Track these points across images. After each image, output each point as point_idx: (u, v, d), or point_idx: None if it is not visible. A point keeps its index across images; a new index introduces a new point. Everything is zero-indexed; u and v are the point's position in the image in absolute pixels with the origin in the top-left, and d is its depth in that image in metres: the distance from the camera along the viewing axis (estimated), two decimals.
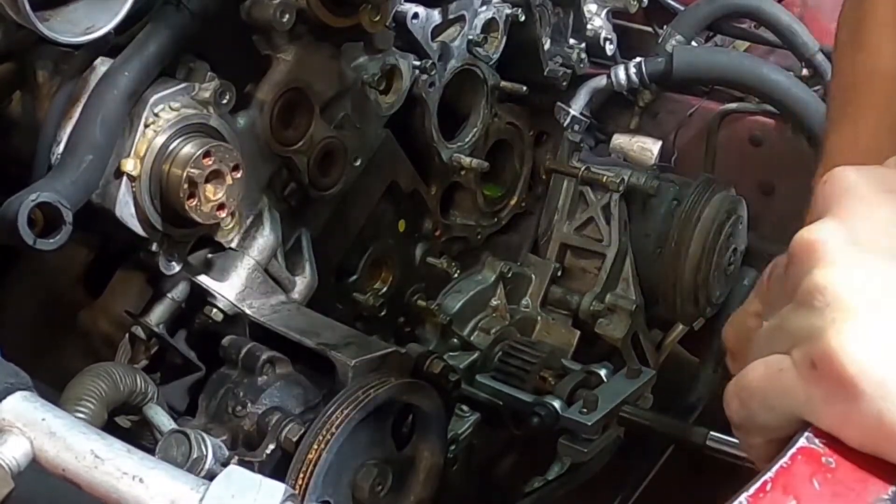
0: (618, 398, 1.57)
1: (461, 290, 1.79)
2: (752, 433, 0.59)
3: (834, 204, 0.57)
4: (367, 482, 1.26)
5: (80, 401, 1.14)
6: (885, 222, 0.56)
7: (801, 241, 0.56)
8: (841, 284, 0.53)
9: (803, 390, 0.53)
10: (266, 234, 1.41)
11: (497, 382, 1.65)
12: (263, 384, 1.28)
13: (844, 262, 0.54)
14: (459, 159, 1.72)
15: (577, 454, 1.57)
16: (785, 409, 0.55)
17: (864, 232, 0.55)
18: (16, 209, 1.09)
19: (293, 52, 1.40)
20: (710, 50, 2.17)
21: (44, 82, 1.23)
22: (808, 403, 0.53)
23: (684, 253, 1.87)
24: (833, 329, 0.52)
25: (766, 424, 0.57)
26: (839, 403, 0.52)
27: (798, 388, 0.54)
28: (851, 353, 0.51)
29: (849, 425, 0.52)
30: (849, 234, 0.55)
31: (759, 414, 0.57)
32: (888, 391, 0.51)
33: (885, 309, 0.52)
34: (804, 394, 0.53)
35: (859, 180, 0.58)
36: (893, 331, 0.51)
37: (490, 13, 1.72)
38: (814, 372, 0.53)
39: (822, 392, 0.52)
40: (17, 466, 0.77)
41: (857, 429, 0.52)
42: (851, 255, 0.54)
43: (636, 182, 1.87)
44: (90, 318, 1.42)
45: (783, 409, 0.55)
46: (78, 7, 1.13)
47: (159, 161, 1.23)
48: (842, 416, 0.52)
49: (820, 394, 0.53)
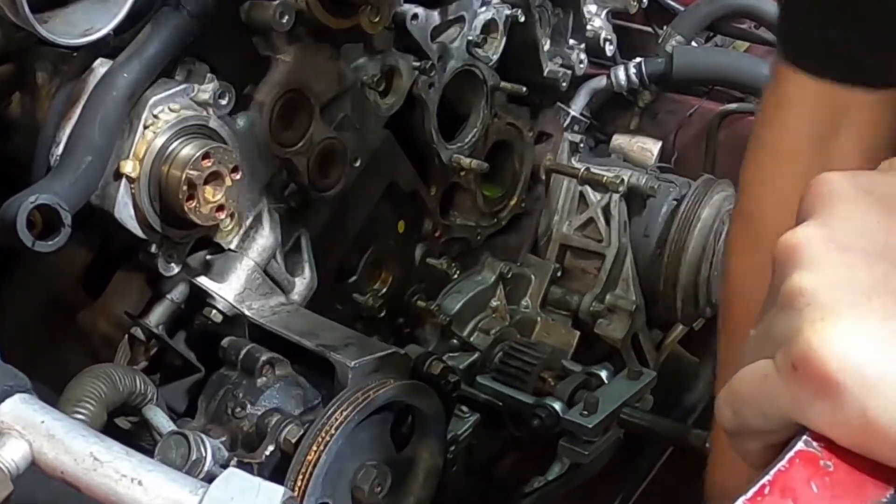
0: (619, 400, 1.57)
1: (461, 290, 1.79)
2: (748, 440, 0.59)
3: (817, 207, 0.57)
4: (366, 483, 1.26)
5: (80, 402, 1.14)
6: (864, 222, 0.56)
7: (783, 245, 0.56)
8: (820, 285, 0.53)
9: (788, 393, 0.53)
10: (265, 235, 1.41)
11: (498, 384, 1.65)
12: (263, 385, 1.28)
13: (824, 264, 0.54)
14: (459, 160, 1.72)
15: (578, 456, 1.57)
16: (775, 413, 0.55)
17: (845, 233, 0.55)
18: (15, 211, 1.09)
19: (293, 54, 1.40)
20: (710, 50, 2.17)
21: (43, 84, 1.23)
22: (795, 405, 0.53)
23: (684, 253, 1.87)
24: (811, 329, 0.52)
25: (760, 430, 0.57)
26: (823, 402, 0.51)
27: (783, 391, 0.53)
28: (830, 351, 0.51)
29: (835, 424, 0.52)
30: (829, 235, 0.55)
31: (751, 420, 0.57)
32: (870, 386, 0.50)
33: (863, 307, 0.52)
34: (790, 396, 0.53)
35: (842, 183, 0.58)
36: (872, 327, 0.51)
37: (490, 14, 1.72)
38: (795, 373, 0.52)
39: (806, 393, 0.52)
40: (17, 469, 0.77)
41: (844, 427, 0.51)
42: (831, 256, 0.54)
43: (636, 182, 1.87)
44: (89, 319, 1.41)
45: (774, 414, 0.55)
46: (77, 9, 1.13)
47: (158, 162, 1.23)
48: (827, 415, 0.52)
49: (804, 395, 0.52)
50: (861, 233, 0.55)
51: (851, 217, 0.56)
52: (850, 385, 0.50)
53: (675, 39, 2.08)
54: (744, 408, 0.57)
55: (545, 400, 1.57)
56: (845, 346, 0.51)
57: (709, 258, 1.88)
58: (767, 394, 0.55)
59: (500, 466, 1.83)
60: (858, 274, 0.53)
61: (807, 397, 0.52)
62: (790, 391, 0.53)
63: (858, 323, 0.51)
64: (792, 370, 0.52)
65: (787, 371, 0.53)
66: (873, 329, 0.51)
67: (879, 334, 0.51)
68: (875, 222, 0.56)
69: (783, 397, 0.53)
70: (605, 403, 1.54)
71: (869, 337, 0.51)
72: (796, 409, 0.53)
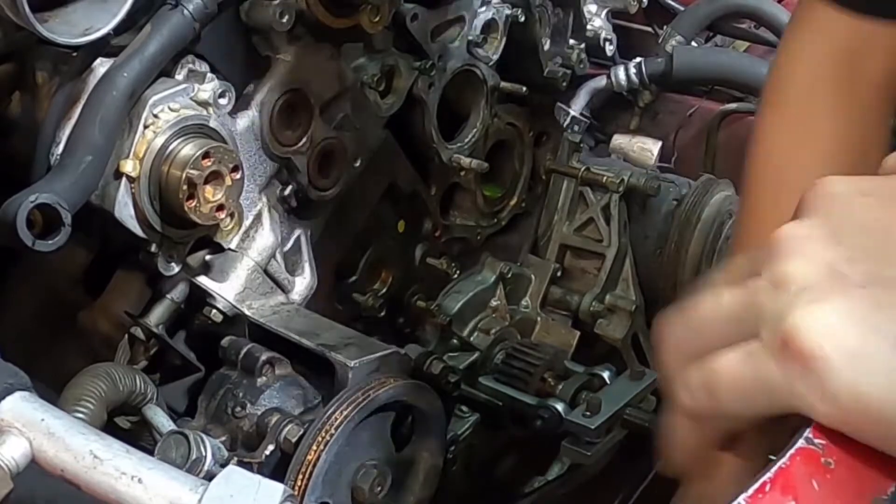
0: (621, 401, 1.57)
1: (461, 290, 1.78)
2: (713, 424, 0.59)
3: (816, 206, 0.58)
4: (366, 483, 1.26)
5: (80, 401, 1.14)
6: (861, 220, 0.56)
7: (777, 236, 0.57)
8: (812, 272, 0.54)
9: (777, 369, 0.53)
10: (265, 235, 1.41)
11: (500, 384, 1.65)
12: (263, 385, 1.28)
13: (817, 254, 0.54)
14: (459, 160, 1.72)
15: (580, 457, 1.56)
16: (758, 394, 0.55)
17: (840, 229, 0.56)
18: (14, 210, 1.09)
19: (293, 53, 1.40)
20: (710, 50, 2.17)
21: (43, 83, 1.22)
22: (784, 382, 0.53)
23: (684, 253, 1.87)
24: (802, 308, 0.52)
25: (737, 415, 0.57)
26: (810, 378, 0.52)
27: (770, 367, 0.54)
28: (820, 328, 0.51)
29: (823, 400, 0.52)
30: (824, 230, 0.56)
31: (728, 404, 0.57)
32: (858, 362, 0.51)
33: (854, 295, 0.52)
34: (779, 373, 0.53)
35: (842, 185, 0.59)
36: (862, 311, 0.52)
37: (490, 14, 1.72)
38: (785, 349, 0.53)
39: (795, 368, 0.52)
40: (17, 467, 0.77)
41: (831, 404, 0.52)
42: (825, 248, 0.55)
43: (636, 182, 1.87)
44: (89, 318, 1.41)
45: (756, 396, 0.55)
46: (77, 8, 1.13)
47: (158, 162, 1.23)
48: (815, 390, 0.52)
49: (793, 371, 0.52)
50: (857, 229, 0.56)
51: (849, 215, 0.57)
52: (838, 361, 0.51)
53: (675, 39, 2.08)
54: (721, 388, 0.57)
55: (548, 401, 1.57)
56: (835, 325, 0.51)
57: (709, 258, 1.88)
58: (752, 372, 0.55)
59: (500, 466, 1.83)
60: (851, 266, 0.54)
61: (795, 373, 0.52)
62: (778, 367, 0.53)
63: (849, 306, 0.52)
64: (781, 346, 0.53)
65: (775, 347, 0.53)
66: (863, 312, 0.52)
67: (869, 317, 0.52)
68: (872, 220, 0.56)
69: (770, 374, 0.54)
70: (607, 404, 1.54)
71: (858, 318, 0.52)
72: (784, 385, 0.53)
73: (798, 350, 0.52)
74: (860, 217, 0.57)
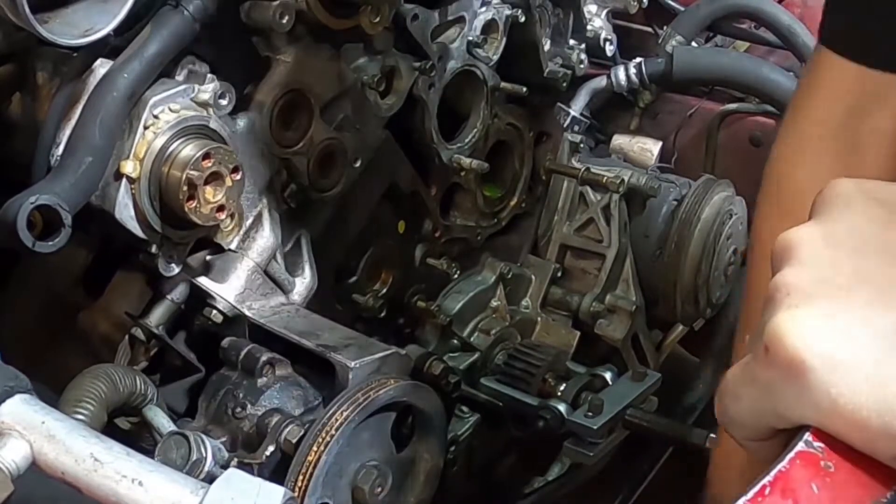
0: (623, 402, 1.57)
1: (461, 291, 1.79)
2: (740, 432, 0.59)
3: (822, 209, 0.58)
4: (366, 483, 1.26)
5: (80, 402, 1.14)
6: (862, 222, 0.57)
7: (779, 243, 0.57)
8: (801, 279, 0.54)
9: (762, 377, 0.54)
10: (266, 236, 1.41)
11: (502, 385, 1.65)
12: (263, 386, 1.28)
13: (811, 260, 0.55)
14: (459, 160, 1.72)
15: (582, 458, 1.57)
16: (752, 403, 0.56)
17: (840, 231, 0.56)
18: (15, 211, 1.09)
19: (293, 54, 1.40)
20: (710, 50, 2.17)
21: (43, 84, 1.23)
22: (770, 390, 0.54)
23: (684, 253, 1.87)
24: (784, 314, 0.53)
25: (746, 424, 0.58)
26: (791, 384, 0.52)
27: (757, 375, 0.54)
28: (799, 334, 0.52)
29: (804, 406, 0.52)
30: (823, 234, 0.56)
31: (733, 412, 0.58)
32: (836, 366, 0.51)
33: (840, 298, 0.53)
34: (763, 380, 0.54)
35: (851, 188, 0.59)
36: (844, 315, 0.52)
37: (490, 14, 1.72)
38: (767, 356, 0.53)
39: (777, 375, 0.53)
40: (17, 469, 0.77)
41: (812, 410, 0.52)
42: (819, 253, 0.55)
43: (636, 183, 1.87)
44: (90, 319, 1.42)
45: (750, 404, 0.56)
46: (77, 9, 1.13)
47: (159, 163, 1.23)
48: (796, 397, 0.52)
49: (775, 377, 0.53)
50: (857, 231, 0.56)
51: (850, 217, 0.57)
52: (816, 366, 0.51)
53: (675, 39, 2.07)
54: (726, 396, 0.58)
55: (550, 402, 1.57)
56: (813, 330, 0.52)
57: (709, 258, 1.88)
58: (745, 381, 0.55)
59: (501, 466, 1.83)
60: (843, 268, 0.54)
61: (777, 380, 0.53)
62: (763, 375, 0.54)
63: (830, 310, 0.52)
64: (764, 353, 0.53)
65: (760, 355, 0.53)
66: (845, 316, 0.52)
67: (849, 321, 0.52)
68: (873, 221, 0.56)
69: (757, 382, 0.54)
70: (609, 405, 1.54)
71: (838, 322, 0.52)
72: (770, 393, 0.54)
73: (778, 356, 0.52)
74: (861, 219, 0.57)
